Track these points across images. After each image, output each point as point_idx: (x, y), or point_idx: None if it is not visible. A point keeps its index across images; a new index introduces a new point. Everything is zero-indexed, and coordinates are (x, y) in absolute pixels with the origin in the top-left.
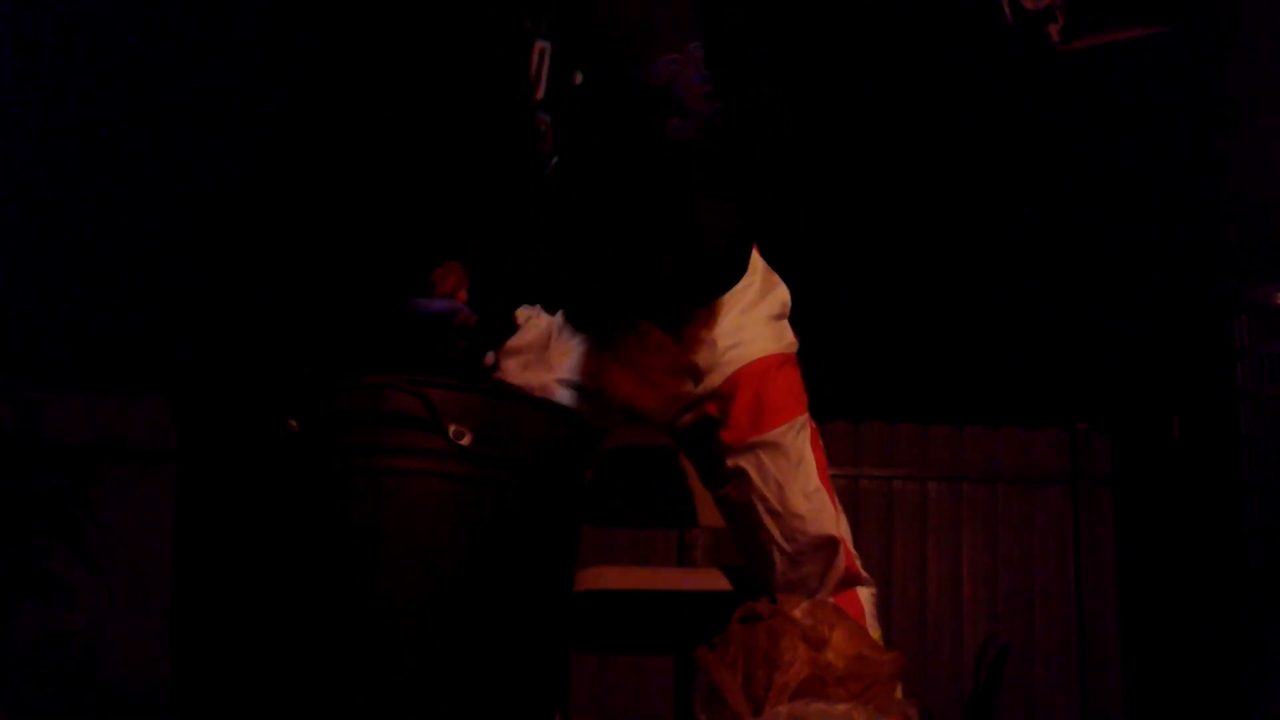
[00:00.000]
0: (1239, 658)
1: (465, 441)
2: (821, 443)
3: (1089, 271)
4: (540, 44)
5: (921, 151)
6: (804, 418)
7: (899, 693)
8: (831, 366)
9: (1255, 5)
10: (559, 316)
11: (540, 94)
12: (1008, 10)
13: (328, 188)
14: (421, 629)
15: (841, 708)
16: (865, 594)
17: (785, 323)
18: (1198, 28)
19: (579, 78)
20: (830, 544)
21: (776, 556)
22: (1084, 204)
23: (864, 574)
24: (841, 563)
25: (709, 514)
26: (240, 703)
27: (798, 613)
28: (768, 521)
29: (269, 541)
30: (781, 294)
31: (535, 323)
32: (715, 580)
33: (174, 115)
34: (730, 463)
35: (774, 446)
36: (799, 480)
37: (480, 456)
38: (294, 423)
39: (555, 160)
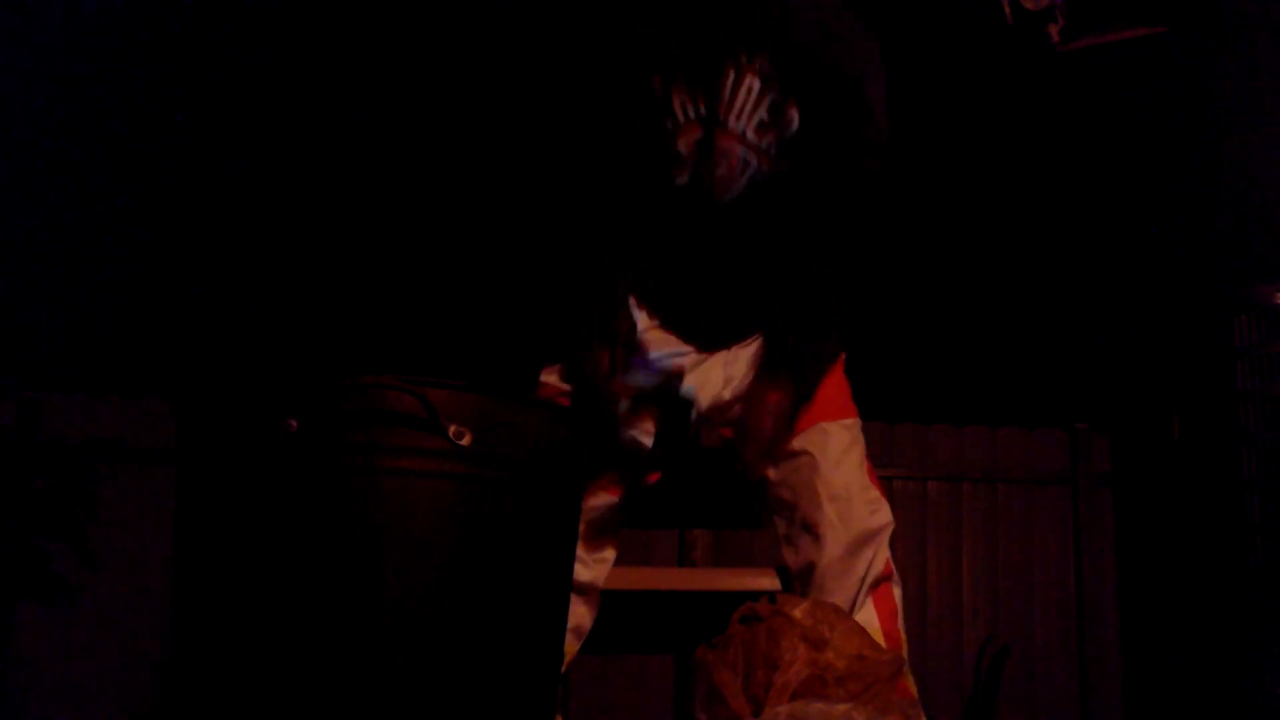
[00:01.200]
0: (1239, 658)
1: (465, 441)
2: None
3: (1089, 271)
4: (751, 80)
5: (921, 151)
6: (857, 422)
7: (912, 688)
8: None
9: (1254, 5)
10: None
11: (741, 123)
12: (1008, 10)
13: (329, 187)
14: (422, 629)
15: (841, 708)
16: (898, 592)
17: (835, 332)
18: (1197, 28)
19: (796, 117)
20: (882, 535)
21: (830, 543)
22: (1084, 204)
23: (895, 573)
24: (885, 555)
25: (735, 515)
26: (240, 703)
27: (798, 613)
28: (828, 507)
29: (269, 542)
30: (840, 313)
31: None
32: (716, 580)
33: (175, 113)
34: (796, 445)
35: (841, 434)
36: (861, 473)
37: (480, 456)
38: (293, 423)
39: (734, 186)
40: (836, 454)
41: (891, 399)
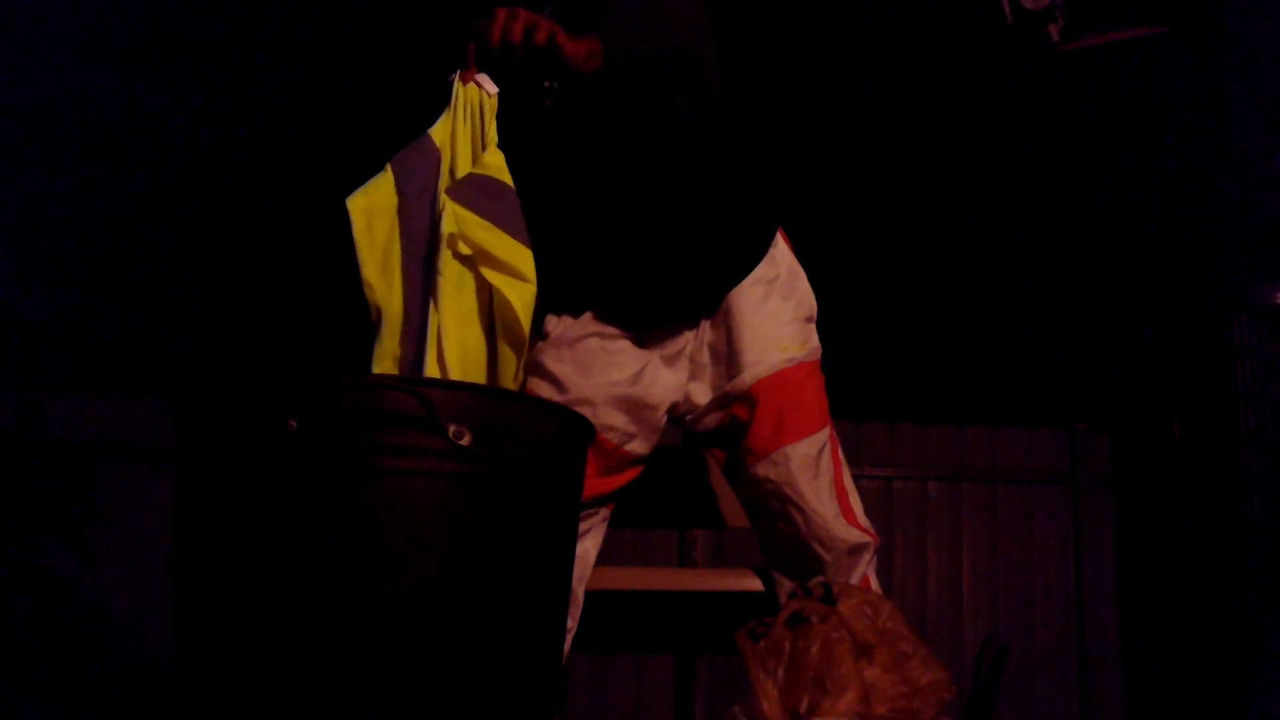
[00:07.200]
0: (1239, 658)
1: (465, 441)
2: (840, 450)
3: (1089, 272)
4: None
5: (921, 151)
6: (826, 431)
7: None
8: (832, 367)
9: (1254, 6)
10: (586, 320)
11: None
12: (1008, 10)
13: (329, 187)
14: (421, 629)
15: None
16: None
17: (812, 327)
18: (1197, 28)
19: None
20: (860, 550)
21: (820, 554)
22: (1084, 204)
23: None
24: (867, 557)
25: (735, 515)
26: (240, 702)
27: (846, 608)
28: (802, 527)
29: (269, 542)
30: (810, 297)
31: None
32: (716, 580)
33: (176, 115)
34: (759, 471)
35: (798, 459)
36: (823, 491)
37: (480, 456)
38: (293, 422)
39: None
40: (799, 478)
41: (891, 399)
